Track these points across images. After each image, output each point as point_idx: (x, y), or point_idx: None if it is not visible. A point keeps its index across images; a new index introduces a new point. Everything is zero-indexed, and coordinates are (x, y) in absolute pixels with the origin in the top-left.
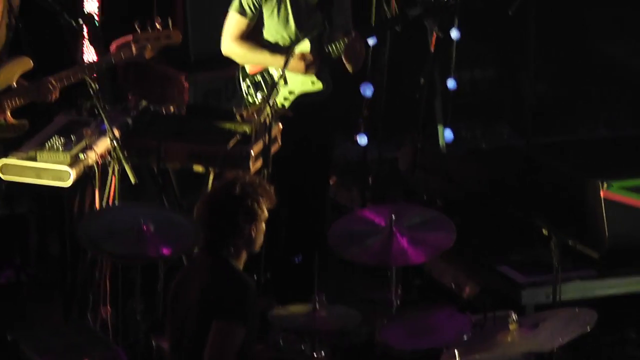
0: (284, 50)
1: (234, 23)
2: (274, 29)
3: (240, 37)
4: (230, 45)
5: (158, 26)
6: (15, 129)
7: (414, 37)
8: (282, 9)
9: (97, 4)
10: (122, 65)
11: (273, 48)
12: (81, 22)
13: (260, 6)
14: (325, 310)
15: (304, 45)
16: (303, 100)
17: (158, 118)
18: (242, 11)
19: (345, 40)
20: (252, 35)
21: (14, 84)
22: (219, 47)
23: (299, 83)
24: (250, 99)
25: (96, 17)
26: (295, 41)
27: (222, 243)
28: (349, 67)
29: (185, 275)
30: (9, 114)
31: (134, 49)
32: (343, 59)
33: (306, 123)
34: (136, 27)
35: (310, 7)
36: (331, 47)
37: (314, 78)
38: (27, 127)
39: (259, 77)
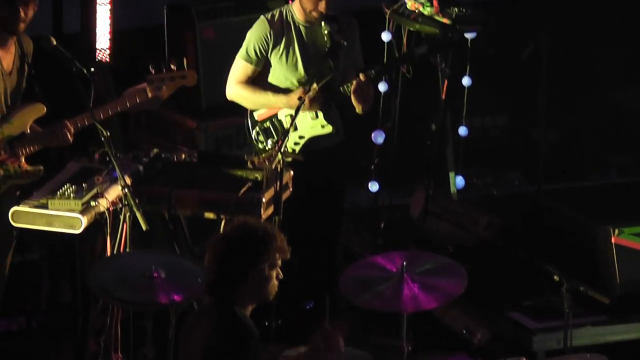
0: (288, 92)
1: (239, 68)
2: (282, 75)
3: (245, 82)
4: (235, 89)
5: (173, 67)
6: (30, 175)
7: (426, 83)
8: (291, 55)
9: (108, 52)
10: (133, 113)
11: (277, 90)
12: (92, 69)
13: (267, 52)
14: None
15: (312, 88)
16: (313, 145)
17: (169, 165)
18: (247, 58)
19: (354, 81)
20: (258, 81)
21: (28, 130)
22: None
23: (308, 127)
24: (260, 146)
25: (108, 66)
26: (304, 85)
27: (228, 289)
28: (358, 109)
29: (192, 322)
30: (22, 160)
31: (149, 91)
32: (352, 100)
33: (317, 168)
34: (150, 68)
35: (319, 52)
36: (343, 88)
37: (324, 122)
38: (41, 173)
39: (267, 124)
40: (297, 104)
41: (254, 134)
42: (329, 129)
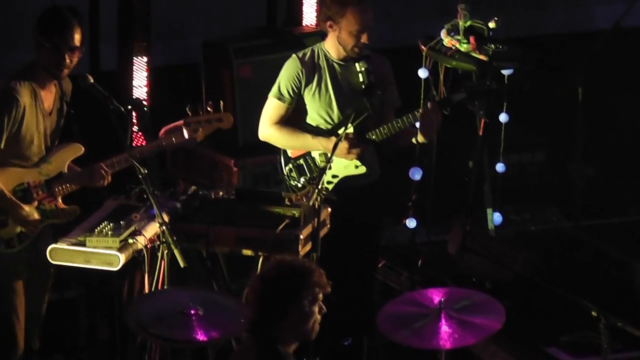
0: (326, 134)
1: (272, 108)
2: (316, 113)
3: (279, 122)
4: (269, 130)
5: (210, 109)
6: (67, 214)
7: (463, 120)
8: (324, 93)
9: (146, 90)
10: (171, 150)
11: (314, 131)
12: (130, 107)
13: (300, 90)
14: None
15: (348, 130)
16: (349, 182)
17: (207, 202)
18: (280, 97)
19: (420, 111)
20: (294, 119)
21: (66, 169)
22: None
23: (342, 167)
24: (292, 182)
25: (145, 103)
26: (339, 125)
27: (269, 327)
28: (420, 138)
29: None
30: (60, 200)
31: (185, 132)
32: (418, 130)
33: (352, 205)
34: (187, 110)
35: (353, 91)
36: (376, 132)
37: (357, 162)
38: (78, 213)
39: (301, 161)
40: (337, 150)
41: (286, 170)
42: (362, 169)
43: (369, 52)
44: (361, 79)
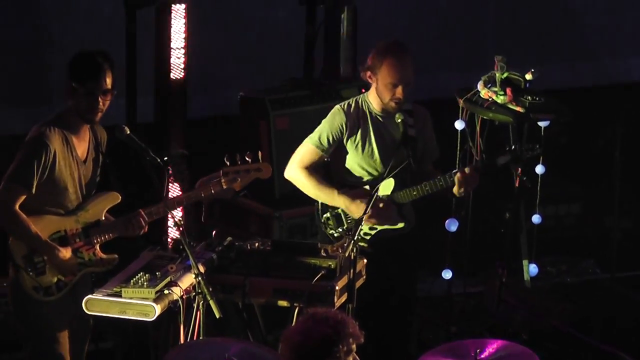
0: (357, 190)
1: (306, 152)
2: (357, 164)
3: (310, 167)
4: (297, 173)
5: (248, 159)
6: (105, 263)
7: (498, 172)
8: (367, 146)
9: (182, 141)
10: (207, 201)
11: (346, 185)
12: (166, 159)
13: (340, 142)
14: None
15: (389, 183)
16: (384, 235)
17: (243, 254)
18: (319, 145)
19: (453, 173)
20: (334, 168)
21: (103, 218)
22: None
23: None
24: (328, 231)
25: (181, 155)
26: (380, 177)
27: None
28: (455, 192)
29: None
30: (97, 248)
31: (223, 182)
32: (456, 185)
33: (388, 256)
34: (225, 160)
35: (394, 143)
36: (403, 194)
37: (397, 217)
38: (115, 262)
39: (339, 210)
40: (355, 216)
41: (324, 218)
42: (400, 225)
43: (409, 105)
44: (401, 130)
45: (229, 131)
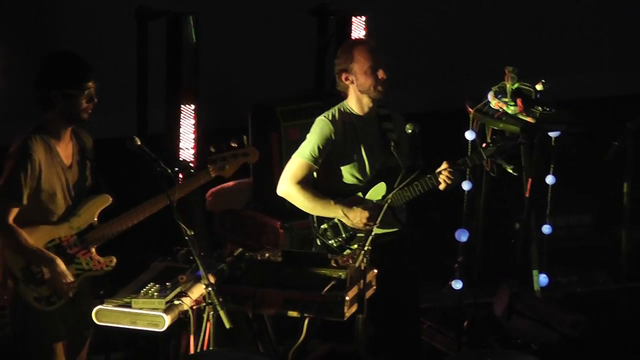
0: (351, 198)
1: (298, 166)
2: (347, 172)
3: (302, 182)
4: (291, 188)
5: (234, 145)
6: (102, 265)
7: (510, 182)
8: (356, 152)
9: (193, 152)
10: (218, 212)
11: (338, 194)
12: (177, 169)
13: (330, 151)
14: None
15: (380, 187)
16: (381, 240)
17: (253, 264)
18: (310, 158)
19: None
20: (325, 180)
21: (95, 219)
22: None
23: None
24: (325, 241)
25: (192, 165)
26: (371, 182)
27: None
28: (441, 188)
29: None
30: (94, 252)
31: (211, 170)
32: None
33: (388, 263)
34: (211, 148)
35: (378, 147)
36: (395, 197)
37: (393, 220)
38: (114, 263)
39: (336, 220)
40: (354, 223)
41: (321, 229)
42: (396, 227)
43: (386, 110)
44: (387, 137)
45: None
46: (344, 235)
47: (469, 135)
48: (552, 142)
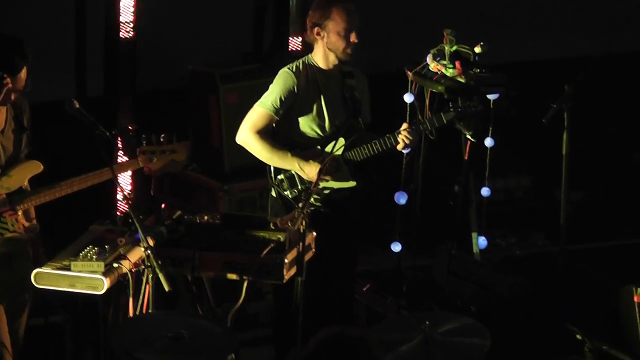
0: (317, 145)
1: (258, 116)
2: (307, 126)
3: (262, 131)
4: (250, 137)
5: (162, 140)
6: (27, 230)
7: (448, 145)
8: (316, 106)
9: (131, 114)
10: (156, 175)
11: (303, 144)
12: (115, 132)
13: (292, 103)
14: None
15: (339, 142)
16: (336, 195)
17: (192, 227)
18: (272, 108)
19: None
20: (283, 131)
21: (25, 184)
22: (253, 158)
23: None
24: (281, 192)
25: (130, 128)
26: (329, 137)
27: None
28: (399, 148)
29: None
30: (20, 215)
31: (140, 160)
32: (399, 143)
33: (336, 219)
34: (142, 140)
35: (339, 102)
36: (354, 153)
37: (349, 176)
38: (37, 229)
39: (293, 171)
40: (309, 176)
41: (277, 180)
42: (352, 183)
43: (350, 67)
44: (349, 95)
45: (179, 105)
46: (300, 187)
47: (408, 97)
48: (491, 104)
